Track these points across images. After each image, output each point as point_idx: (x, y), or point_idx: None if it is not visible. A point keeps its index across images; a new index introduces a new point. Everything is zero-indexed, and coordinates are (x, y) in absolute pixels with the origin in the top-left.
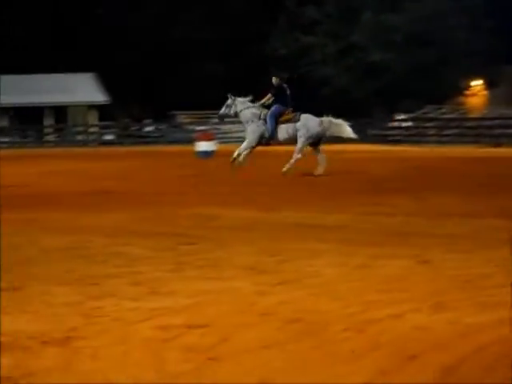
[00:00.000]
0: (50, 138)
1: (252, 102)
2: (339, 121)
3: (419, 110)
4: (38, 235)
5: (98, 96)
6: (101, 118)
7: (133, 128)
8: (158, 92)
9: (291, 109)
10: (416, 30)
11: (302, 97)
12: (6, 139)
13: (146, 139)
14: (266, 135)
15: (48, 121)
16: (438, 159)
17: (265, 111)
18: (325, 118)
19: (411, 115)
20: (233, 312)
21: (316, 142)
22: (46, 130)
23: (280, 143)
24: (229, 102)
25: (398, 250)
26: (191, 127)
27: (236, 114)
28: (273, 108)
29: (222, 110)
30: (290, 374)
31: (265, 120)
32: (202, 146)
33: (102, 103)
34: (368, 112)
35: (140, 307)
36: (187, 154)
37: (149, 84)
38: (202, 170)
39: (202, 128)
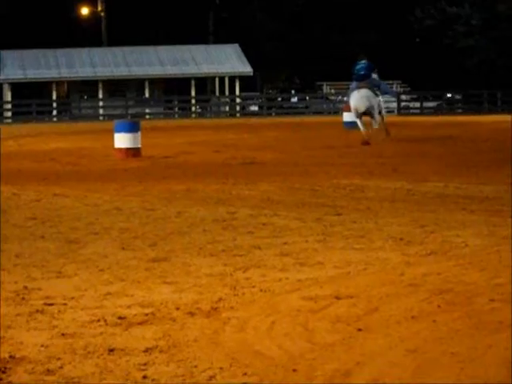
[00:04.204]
0: (195, 108)
1: None
2: None
3: None
4: (186, 207)
5: (244, 67)
6: (245, 89)
7: (279, 99)
8: (305, 63)
9: None
10: None
11: (448, 68)
12: (152, 110)
13: (291, 110)
14: None
15: (192, 92)
16: None
17: None
18: None
19: None
20: (381, 283)
21: None
22: (192, 102)
23: None
24: None
25: None
26: (338, 98)
27: None
28: None
29: None
30: (438, 345)
31: None
32: (348, 116)
33: (247, 74)
34: None
35: (287, 278)
36: (333, 124)
37: (297, 55)
38: (347, 141)
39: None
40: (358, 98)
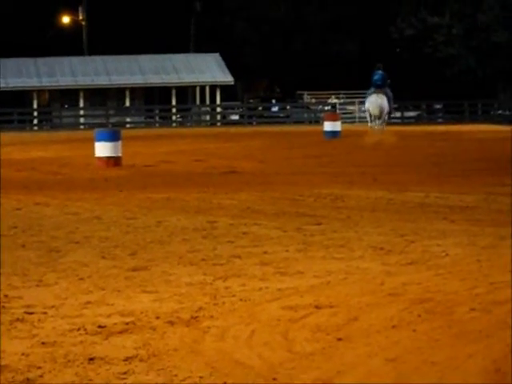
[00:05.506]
0: (176, 118)
1: None
2: None
3: None
4: (166, 216)
5: (224, 76)
6: (226, 99)
7: (259, 108)
8: (285, 72)
9: None
10: None
11: (428, 77)
12: (132, 119)
13: (272, 119)
14: None
15: (173, 101)
16: None
17: None
18: None
19: None
20: (361, 292)
21: None
22: (173, 111)
23: None
24: None
25: None
26: (318, 107)
27: None
28: None
29: None
30: (419, 354)
31: None
32: (329, 126)
33: (228, 83)
34: (493, 93)
35: (267, 287)
36: (313, 134)
37: (277, 64)
38: (328, 150)
39: (329, 108)
40: (373, 103)
